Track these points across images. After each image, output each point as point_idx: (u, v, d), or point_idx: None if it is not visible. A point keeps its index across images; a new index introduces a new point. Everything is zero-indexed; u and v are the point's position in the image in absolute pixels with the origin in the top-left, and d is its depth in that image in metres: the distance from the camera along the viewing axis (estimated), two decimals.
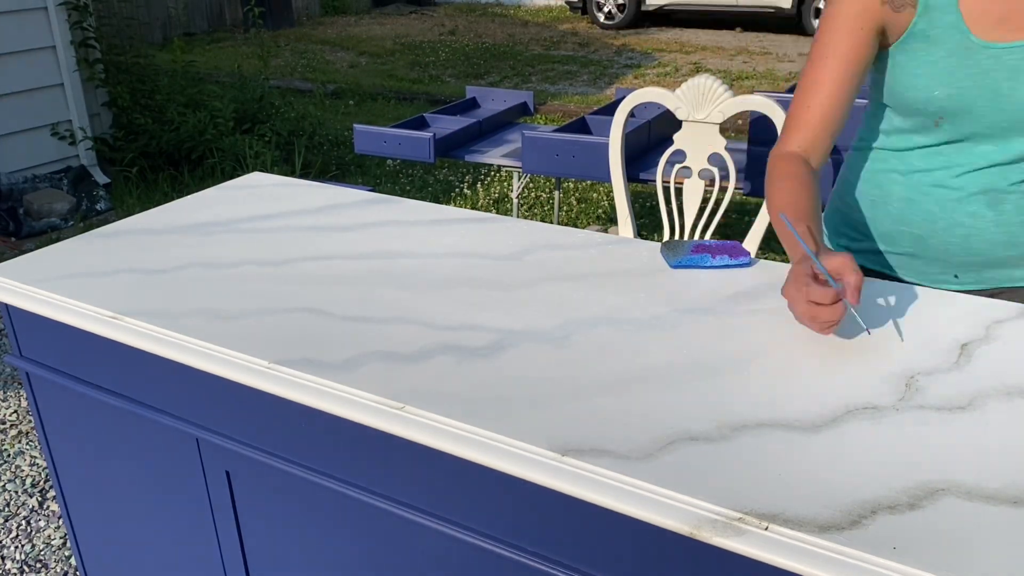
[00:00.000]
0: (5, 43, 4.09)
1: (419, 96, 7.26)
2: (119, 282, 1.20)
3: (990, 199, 1.19)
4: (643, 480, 0.78)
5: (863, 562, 0.68)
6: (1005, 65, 1.10)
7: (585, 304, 1.11)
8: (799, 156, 1.22)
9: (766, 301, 1.11)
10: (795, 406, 0.88)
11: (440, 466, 0.91)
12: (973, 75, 1.12)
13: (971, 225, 1.20)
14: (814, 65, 1.22)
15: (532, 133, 3.00)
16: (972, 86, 1.12)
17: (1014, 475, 0.77)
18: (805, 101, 1.22)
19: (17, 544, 2.17)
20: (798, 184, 1.18)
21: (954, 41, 1.11)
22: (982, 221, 1.20)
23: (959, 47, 1.11)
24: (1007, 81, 1.11)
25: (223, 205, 1.50)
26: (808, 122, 1.22)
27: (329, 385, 0.94)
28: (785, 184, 1.19)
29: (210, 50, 9.25)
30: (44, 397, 1.32)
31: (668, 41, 9.44)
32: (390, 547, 1.01)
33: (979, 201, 1.19)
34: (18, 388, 2.87)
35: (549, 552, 0.88)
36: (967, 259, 1.23)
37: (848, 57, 1.18)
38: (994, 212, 1.19)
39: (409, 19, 11.77)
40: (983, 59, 1.11)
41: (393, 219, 1.42)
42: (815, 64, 1.21)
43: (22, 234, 4.01)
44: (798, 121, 1.23)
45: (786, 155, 1.23)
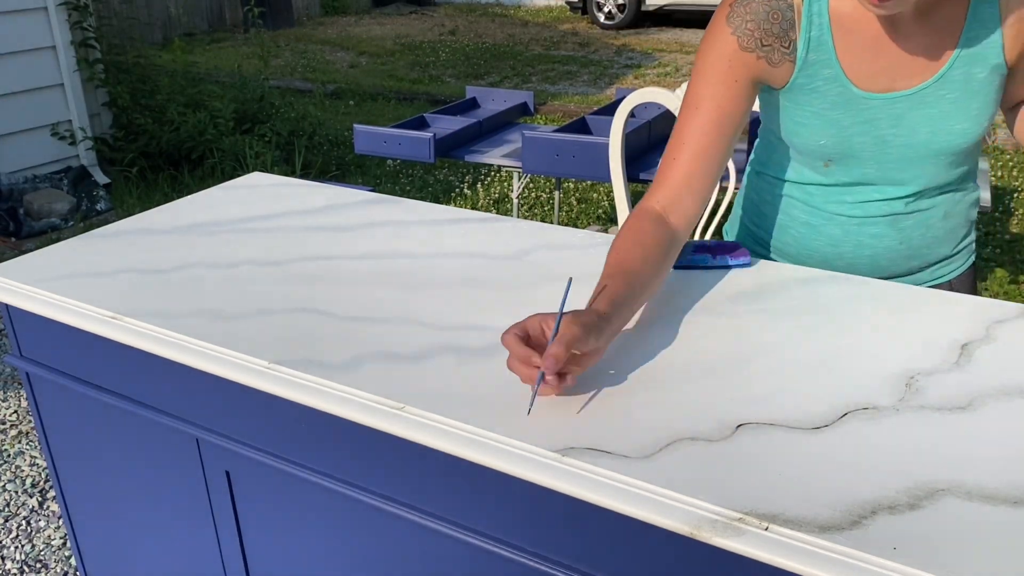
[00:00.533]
0: (5, 43, 4.09)
1: (419, 96, 7.26)
2: (119, 282, 1.20)
3: (891, 221, 1.21)
4: (643, 480, 0.77)
5: (863, 562, 0.68)
6: (888, 114, 1.13)
7: (585, 304, 1.11)
8: (656, 214, 1.10)
9: (766, 301, 1.11)
10: (795, 406, 0.88)
11: (440, 466, 0.91)
12: (858, 123, 1.13)
13: (875, 245, 1.23)
14: (683, 117, 1.14)
15: (532, 133, 3.00)
16: (857, 134, 1.14)
17: (1014, 475, 0.77)
18: (672, 154, 1.14)
19: (17, 544, 2.17)
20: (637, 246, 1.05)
21: (836, 92, 1.12)
22: (886, 240, 1.23)
23: (841, 98, 1.12)
24: (891, 128, 1.13)
25: (223, 205, 1.50)
26: (672, 178, 1.12)
27: (329, 385, 0.94)
28: (624, 242, 1.06)
29: (210, 50, 9.25)
30: (44, 397, 1.32)
31: (668, 41, 9.44)
32: (390, 547, 1.01)
33: (881, 223, 1.22)
34: (18, 388, 2.87)
35: (549, 552, 0.88)
36: (873, 275, 1.25)
37: (720, 110, 1.12)
38: (895, 231, 1.22)
39: (409, 19, 11.77)
40: (866, 109, 1.12)
41: (393, 219, 1.42)
42: (684, 116, 1.14)
43: (22, 234, 4.01)
44: (663, 176, 1.14)
45: (642, 211, 1.11)
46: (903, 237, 1.22)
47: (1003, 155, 5.20)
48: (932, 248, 1.25)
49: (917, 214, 1.21)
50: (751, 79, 1.13)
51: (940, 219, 1.23)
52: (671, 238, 1.09)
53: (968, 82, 1.11)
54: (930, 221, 1.22)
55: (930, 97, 1.11)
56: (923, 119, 1.12)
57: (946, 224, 1.24)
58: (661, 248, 1.07)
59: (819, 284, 1.16)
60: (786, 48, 1.11)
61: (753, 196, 1.36)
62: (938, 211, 1.22)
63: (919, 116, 1.12)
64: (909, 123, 1.13)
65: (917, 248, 1.24)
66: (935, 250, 1.25)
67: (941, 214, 1.22)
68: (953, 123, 1.12)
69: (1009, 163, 5.02)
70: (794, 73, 1.13)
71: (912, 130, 1.13)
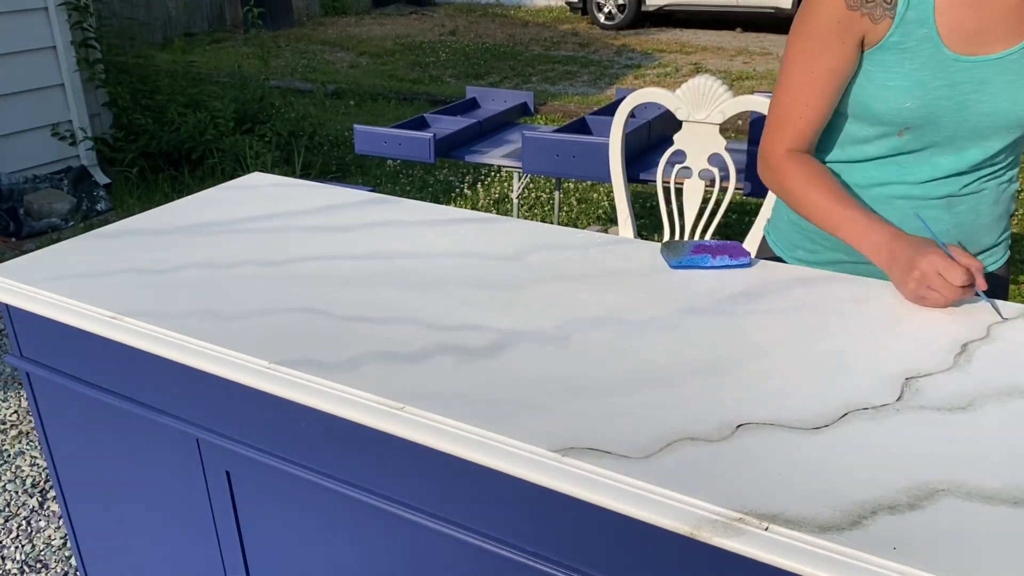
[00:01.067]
0: (5, 43, 4.09)
1: (419, 96, 7.26)
2: (119, 282, 1.20)
3: (946, 203, 1.22)
4: (643, 480, 0.77)
5: (863, 562, 0.68)
6: (973, 78, 1.13)
7: (585, 304, 1.11)
8: (801, 150, 1.23)
9: (766, 301, 1.11)
10: (795, 406, 0.88)
11: (440, 466, 0.91)
12: (943, 87, 1.14)
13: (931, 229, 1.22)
14: (800, 77, 1.21)
15: (532, 133, 3.00)
16: (941, 97, 1.14)
17: (1014, 475, 0.77)
18: (796, 111, 1.22)
19: (17, 544, 2.17)
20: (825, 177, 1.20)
21: (927, 53, 1.12)
22: (941, 224, 1.23)
23: (932, 59, 1.12)
24: (974, 93, 1.13)
25: (223, 205, 1.50)
26: (802, 129, 1.23)
27: (329, 385, 0.94)
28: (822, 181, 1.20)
29: (210, 50, 9.25)
30: (44, 397, 1.32)
31: (668, 41, 9.44)
32: (390, 547, 1.01)
33: (937, 205, 1.22)
34: (18, 388, 2.87)
35: (549, 552, 0.88)
36: None
37: (837, 70, 1.18)
38: (951, 215, 1.23)
39: (409, 19, 11.78)
40: (953, 72, 1.13)
41: (393, 219, 1.42)
42: (801, 76, 1.20)
43: (22, 234, 4.01)
44: (792, 127, 1.24)
45: (790, 154, 1.23)
46: (957, 221, 1.23)
47: None
48: (981, 235, 1.26)
49: (970, 197, 1.22)
50: (858, 37, 1.16)
51: (990, 205, 1.24)
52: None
53: None
54: (981, 206, 1.23)
55: (1015, 64, 1.12)
56: (1005, 86, 1.13)
57: (994, 211, 1.25)
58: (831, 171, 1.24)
59: (819, 284, 1.16)
60: (888, 4, 1.12)
61: None
62: (988, 196, 1.23)
63: (1001, 83, 1.13)
64: (991, 89, 1.13)
65: (969, 233, 1.24)
66: (983, 237, 1.26)
67: (991, 199, 1.23)
68: None
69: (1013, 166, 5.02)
70: (890, 30, 1.13)
71: (994, 96, 1.13)
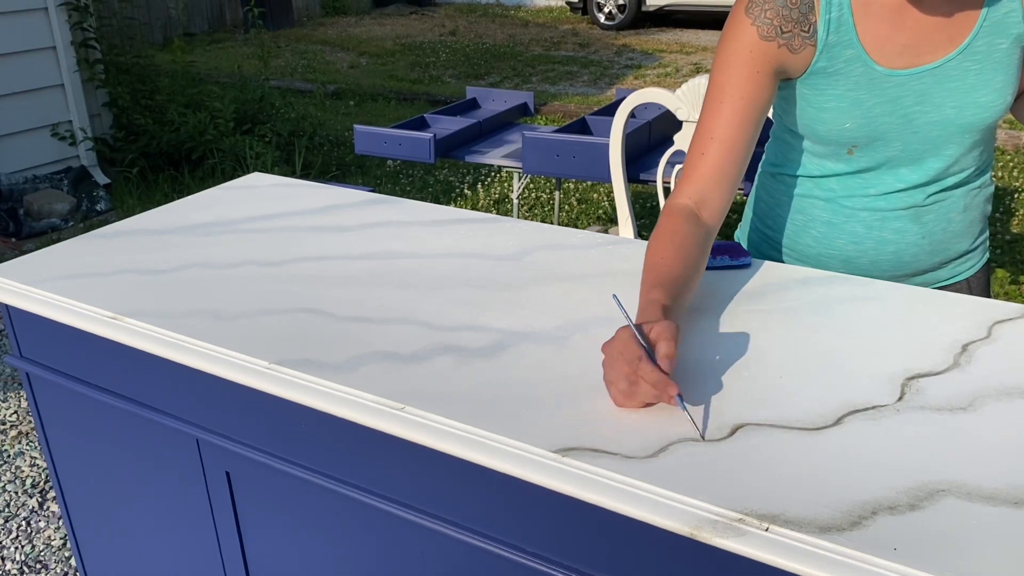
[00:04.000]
0: (5, 43, 4.09)
1: (419, 96, 7.26)
2: (119, 282, 1.20)
3: (912, 214, 1.21)
4: (643, 480, 0.77)
5: (864, 563, 0.68)
6: (912, 91, 1.12)
7: (585, 304, 1.11)
8: (689, 211, 1.11)
9: (766, 301, 1.11)
10: (795, 406, 0.88)
11: (440, 466, 0.91)
12: (882, 103, 1.13)
13: (898, 240, 1.22)
14: (707, 111, 1.14)
15: (532, 134, 3.00)
16: (882, 114, 1.13)
17: (1014, 475, 0.77)
18: (699, 148, 1.14)
19: (17, 545, 2.17)
20: (673, 249, 1.05)
21: (858, 73, 1.11)
22: (908, 235, 1.22)
23: (864, 78, 1.12)
24: (916, 105, 1.12)
25: (223, 205, 1.50)
26: (702, 174, 1.13)
27: (329, 385, 0.94)
28: (661, 244, 1.06)
29: (210, 50, 9.25)
30: (44, 397, 1.32)
31: (668, 42, 9.44)
32: (390, 547, 1.01)
33: (903, 217, 1.21)
34: (18, 388, 2.87)
35: (549, 552, 0.88)
36: (896, 272, 1.25)
37: (745, 102, 1.12)
38: (918, 225, 1.21)
39: (409, 19, 11.77)
40: (889, 87, 1.12)
41: (393, 219, 1.42)
42: (708, 110, 1.14)
43: (22, 234, 4.01)
44: (692, 171, 1.14)
45: (675, 209, 1.11)
46: (925, 231, 1.21)
47: (1003, 155, 5.20)
48: (952, 243, 1.24)
49: (938, 206, 1.20)
50: (773, 69, 1.13)
51: (960, 212, 1.22)
52: (705, 235, 1.10)
53: (991, 53, 1.09)
54: (950, 214, 1.22)
55: (954, 71, 1.10)
56: (948, 93, 1.11)
57: (965, 217, 1.23)
58: (699, 248, 1.08)
59: (819, 284, 1.16)
60: (806, 32, 1.11)
61: (767, 199, 1.34)
62: (958, 203, 1.21)
63: (944, 91, 1.11)
64: (934, 98, 1.12)
65: (939, 242, 1.23)
66: (955, 245, 1.25)
67: (961, 206, 1.22)
68: (978, 96, 1.11)
69: (1009, 163, 5.02)
70: (815, 57, 1.12)
71: (938, 105, 1.12)
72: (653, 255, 1.05)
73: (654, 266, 1.03)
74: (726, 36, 1.14)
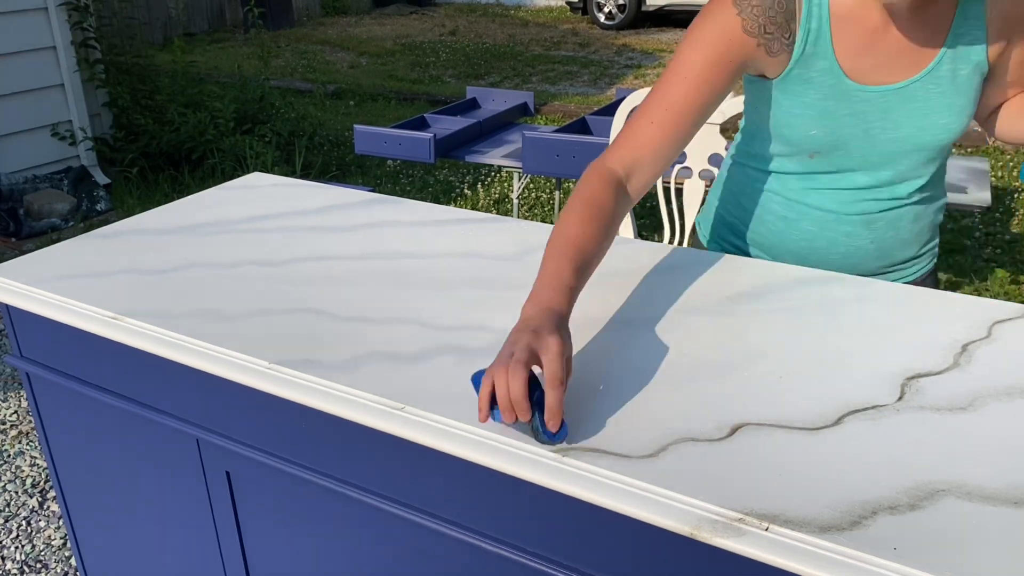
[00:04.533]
0: (5, 43, 4.09)
1: (419, 96, 7.26)
2: (119, 282, 1.20)
3: (864, 220, 1.23)
4: (643, 480, 0.77)
5: (864, 563, 0.68)
6: (877, 107, 1.15)
7: (585, 304, 1.11)
8: (617, 178, 1.08)
9: (766, 301, 1.11)
10: (795, 406, 0.88)
11: (440, 466, 0.91)
12: (847, 115, 1.15)
13: (848, 244, 1.25)
14: (666, 82, 1.11)
15: (532, 134, 3.00)
16: (845, 126, 1.16)
17: (1014, 475, 0.77)
18: (647, 116, 1.10)
19: (17, 544, 2.17)
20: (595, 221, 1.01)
21: (829, 84, 1.13)
22: (858, 240, 1.24)
23: (835, 90, 1.14)
24: (879, 121, 1.15)
25: (223, 205, 1.50)
26: (643, 142, 1.10)
27: (329, 385, 0.94)
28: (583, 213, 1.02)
29: (210, 50, 9.25)
30: (44, 397, 1.32)
31: (668, 41, 9.44)
32: (390, 547, 1.01)
33: (855, 222, 1.23)
34: (18, 388, 2.87)
35: (549, 552, 0.88)
36: (843, 271, 1.26)
37: (708, 85, 1.10)
38: (869, 231, 1.24)
39: (409, 19, 11.77)
40: (857, 102, 1.14)
41: (393, 219, 1.42)
42: (668, 81, 1.11)
43: (22, 234, 4.01)
44: (632, 136, 1.10)
45: (604, 173, 1.07)
46: (875, 237, 1.24)
47: (1003, 155, 5.20)
48: (899, 250, 1.27)
49: (889, 213, 1.23)
50: (743, 63, 1.13)
51: (910, 222, 1.25)
52: (624, 208, 1.07)
53: (954, 78, 1.13)
54: (900, 223, 1.24)
55: (918, 92, 1.14)
56: (910, 113, 1.15)
57: (914, 227, 1.26)
58: (617, 223, 1.05)
59: (819, 284, 1.16)
60: (786, 39, 1.12)
61: (732, 187, 1.36)
62: (909, 214, 1.24)
63: (906, 110, 1.15)
64: (896, 117, 1.15)
65: (887, 249, 1.26)
66: (902, 252, 1.28)
67: (912, 216, 1.25)
68: (938, 118, 1.15)
69: (1009, 163, 5.02)
70: (790, 64, 1.13)
71: (898, 124, 1.15)
72: (574, 224, 1.00)
73: (572, 238, 0.98)
74: (708, 15, 1.12)
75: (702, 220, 1.46)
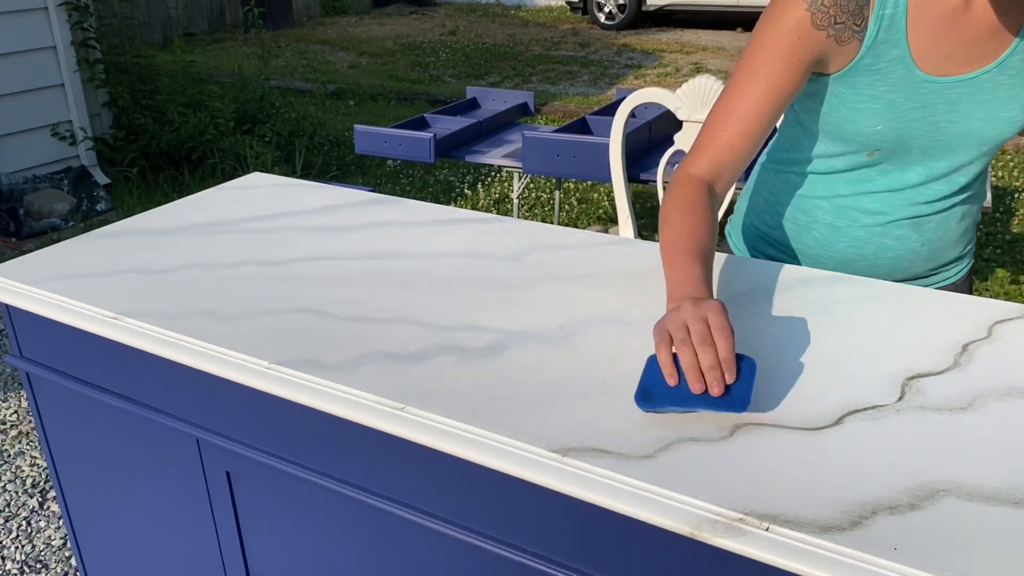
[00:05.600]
0: (5, 43, 4.09)
1: (419, 96, 7.26)
2: (119, 282, 1.20)
3: (915, 222, 1.21)
4: (643, 480, 0.77)
5: (864, 563, 0.68)
6: (946, 98, 1.11)
7: (585, 304, 1.11)
8: (705, 183, 1.12)
9: (766, 301, 1.11)
10: (795, 406, 0.88)
11: (440, 466, 0.91)
12: (915, 108, 1.12)
13: (898, 247, 1.23)
14: (738, 86, 1.12)
15: (533, 133, 3.00)
16: (913, 119, 1.12)
17: (1014, 475, 0.77)
18: (721, 123, 1.13)
19: (17, 544, 2.17)
20: (699, 219, 1.07)
21: (899, 75, 1.10)
22: (909, 243, 1.22)
23: (903, 81, 1.10)
24: (946, 114, 1.12)
25: (223, 205, 1.50)
26: (721, 149, 1.13)
27: (329, 385, 0.94)
28: (688, 217, 1.07)
29: (210, 50, 9.25)
30: (44, 397, 1.32)
31: (668, 41, 9.44)
32: (390, 547, 1.01)
33: (905, 225, 1.21)
34: (18, 388, 2.87)
35: (549, 552, 0.88)
36: (892, 277, 1.25)
37: (779, 87, 1.10)
38: (919, 233, 1.22)
39: (409, 19, 11.77)
40: (924, 93, 1.11)
41: (393, 219, 1.42)
42: (739, 85, 1.12)
43: (22, 234, 4.01)
44: (710, 142, 1.14)
45: (691, 181, 1.13)
46: (925, 239, 1.22)
47: (1003, 155, 5.20)
48: (947, 250, 1.26)
49: (938, 215, 1.21)
50: (814, 59, 1.10)
51: (957, 221, 1.23)
52: (718, 207, 1.13)
53: (1022, 69, 1.10)
54: (949, 223, 1.22)
55: (988, 83, 1.10)
56: (977, 106, 1.11)
57: (960, 227, 1.24)
58: (715, 220, 1.11)
59: (819, 284, 1.16)
60: (858, 26, 1.08)
61: (767, 196, 1.33)
62: (956, 213, 1.22)
63: (974, 103, 1.11)
64: (963, 109, 1.12)
65: (936, 250, 1.24)
66: (949, 252, 1.26)
67: (959, 216, 1.23)
68: (1005, 111, 1.12)
69: (1009, 163, 5.02)
70: (860, 53, 1.09)
71: (965, 116, 1.12)
72: (679, 223, 1.06)
73: (685, 237, 1.04)
74: (774, 14, 1.10)
75: (732, 230, 1.44)
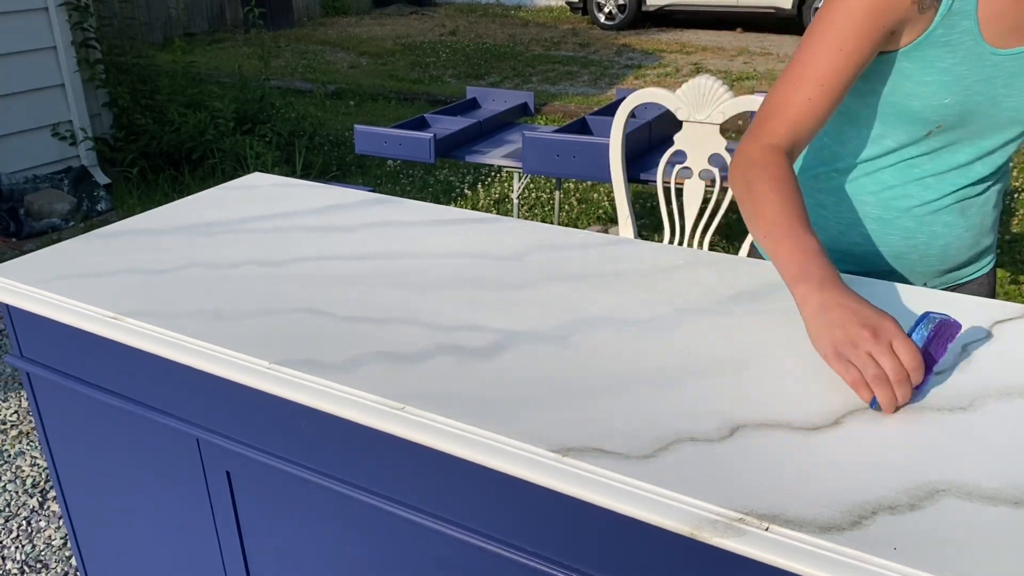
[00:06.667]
0: (6, 43, 4.10)
1: (419, 96, 7.26)
2: (119, 282, 1.20)
3: (960, 207, 1.21)
4: (643, 480, 0.77)
5: (864, 563, 0.68)
6: (1005, 71, 1.09)
7: (585, 304, 1.11)
8: (784, 151, 1.10)
9: (766, 301, 1.11)
10: (795, 406, 0.88)
11: (440, 466, 0.91)
12: (979, 82, 1.10)
13: (947, 234, 1.22)
14: (818, 51, 1.09)
15: (533, 134, 2.99)
16: (976, 93, 1.10)
17: (1014, 475, 0.77)
18: (801, 89, 1.10)
19: (18, 544, 2.17)
20: (795, 189, 1.06)
21: (967, 47, 1.08)
22: (955, 229, 1.22)
23: (971, 53, 1.08)
24: (1004, 88, 1.11)
25: (223, 205, 1.50)
26: (801, 119, 1.10)
27: (329, 385, 0.94)
28: (784, 188, 1.06)
29: (210, 50, 9.25)
30: (44, 397, 1.32)
31: (668, 41, 9.44)
32: (390, 547, 1.01)
33: (952, 210, 1.21)
34: (18, 388, 2.87)
35: (549, 552, 0.88)
36: (941, 267, 1.25)
37: (860, 56, 1.07)
38: (964, 219, 1.22)
39: (409, 19, 11.77)
40: (987, 66, 1.09)
41: (393, 219, 1.42)
42: (820, 51, 1.08)
43: (23, 234, 4.01)
44: (787, 109, 1.11)
45: (774, 149, 1.10)
46: (969, 224, 1.22)
47: None
48: (984, 236, 1.25)
49: (979, 198, 1.21)
50: (892, 27, 1.07)
51: (993, 206, 1.23)
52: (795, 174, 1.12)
53: None
54: (987, 207, 1.23)
55: None
56: None
57: (995, 212, 1.25)
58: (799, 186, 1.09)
59: None
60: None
61: (810, 203, 1.30)
62: (992, 196, 1.22)
63: None
64: (1020, 83, 1.10)
65: (977, 236, 1.24)
66: (987, 238, 1.26)
67: (995, 200, 1.23)
68: None
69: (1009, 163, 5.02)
70: (933, 23, 1.07)
71: (1020, 90, 1.10)
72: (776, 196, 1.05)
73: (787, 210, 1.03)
74: None
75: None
